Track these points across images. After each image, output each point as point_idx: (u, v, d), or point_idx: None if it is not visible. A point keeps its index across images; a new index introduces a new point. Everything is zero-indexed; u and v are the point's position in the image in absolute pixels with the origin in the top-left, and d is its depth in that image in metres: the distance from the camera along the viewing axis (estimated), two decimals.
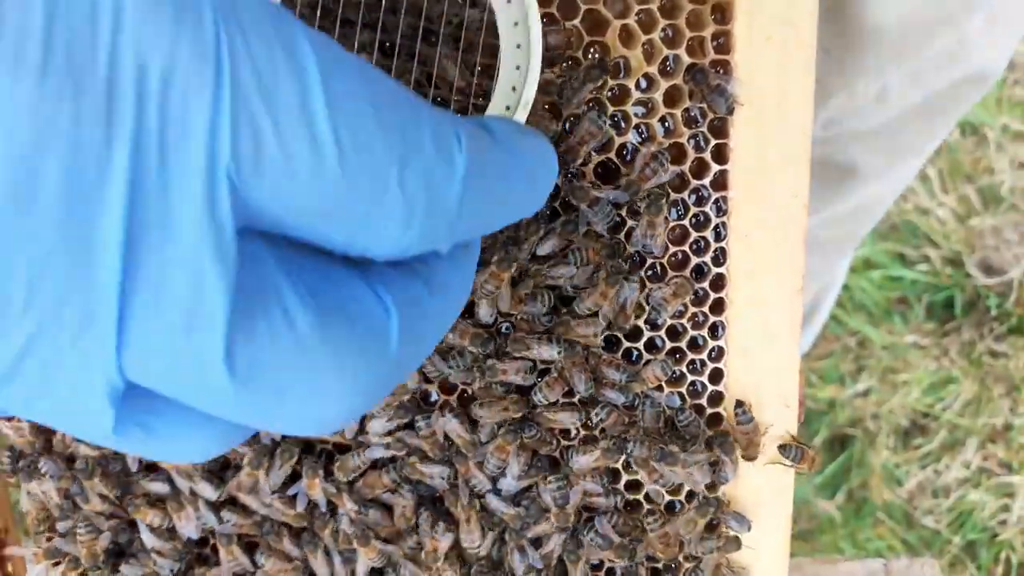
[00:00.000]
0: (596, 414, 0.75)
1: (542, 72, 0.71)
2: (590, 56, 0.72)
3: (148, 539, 0.81)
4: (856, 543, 1.96)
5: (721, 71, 0.73)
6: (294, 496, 0.79)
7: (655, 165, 0.73)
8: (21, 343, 0.33)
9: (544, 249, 0.73)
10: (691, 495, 0.79)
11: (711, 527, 0.79)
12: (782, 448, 0.76)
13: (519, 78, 0.64)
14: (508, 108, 0.64)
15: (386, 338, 0.40)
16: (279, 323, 0.36)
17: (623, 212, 0.74)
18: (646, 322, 0.77)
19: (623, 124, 0.74)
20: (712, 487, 0.78)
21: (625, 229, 0.74)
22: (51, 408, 0.36)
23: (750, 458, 0.77)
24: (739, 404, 0.76)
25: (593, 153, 0.74)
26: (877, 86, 0.99)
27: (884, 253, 2.08)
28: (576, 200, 0.72)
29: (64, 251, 0.33)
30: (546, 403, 0.75)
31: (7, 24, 0.31)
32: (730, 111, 0.72)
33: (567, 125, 0.73)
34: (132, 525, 0.83)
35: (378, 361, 0.39)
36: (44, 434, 0.82)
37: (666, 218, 0.73)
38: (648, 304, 0.75)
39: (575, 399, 0.77)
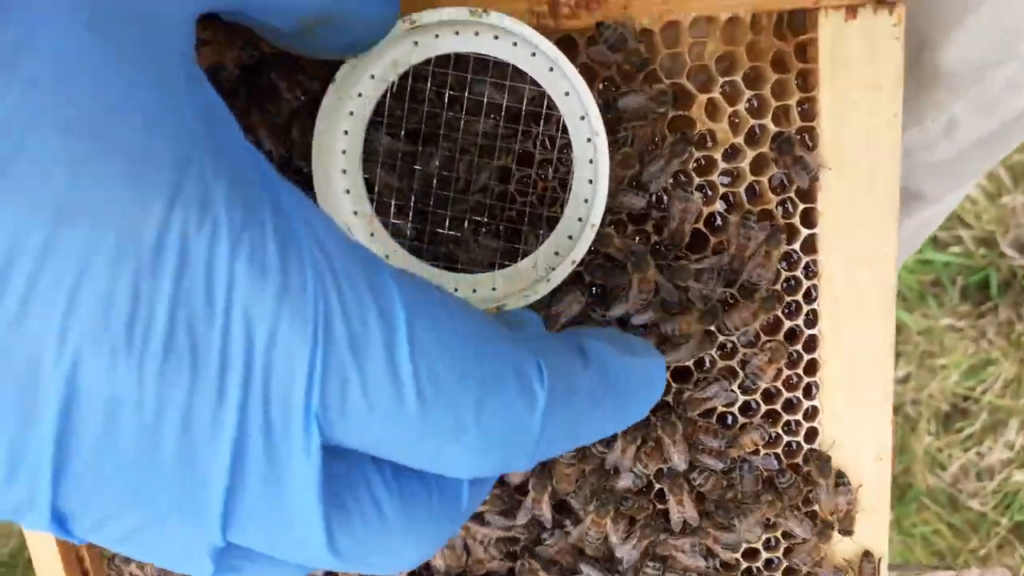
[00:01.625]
0: (695, 479, 0.76)
1: (621, 147, 0.71)
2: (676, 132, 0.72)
3: None
4: (902, 529, 1.98)
5: (807, 138, 0.73)
6: None
7: (745, 231, 0.73)
8: (139, 523, 0.40)
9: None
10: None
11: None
12: None
13: (591, 190, 0.68)
14: (580, 220, 0.67)
15: (458, 503, 0.45)
16: (369, 508, 0.42)
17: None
18: (740, 387, 0.77)
19: (710, 193, 0.74)
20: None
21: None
22: (163, 561, 0.42)
23: (847, 532, 0.78)
24: (840, 475, 0.77)
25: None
26: (945, 118, 0.98)
27: None
28: (679, 280, 0.73)
29: (180, 476, 0.38)
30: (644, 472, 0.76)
31: (139, 315, 0.36)
32: (813, 180, 0.73)
33: (653, 199, 0.73)
34: None
35: (450, 523, 0.45)
36: None
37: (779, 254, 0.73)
38: (743, 371, 0.76)
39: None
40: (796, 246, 0.75)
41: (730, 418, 0.78)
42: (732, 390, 0.75)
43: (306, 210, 0.40)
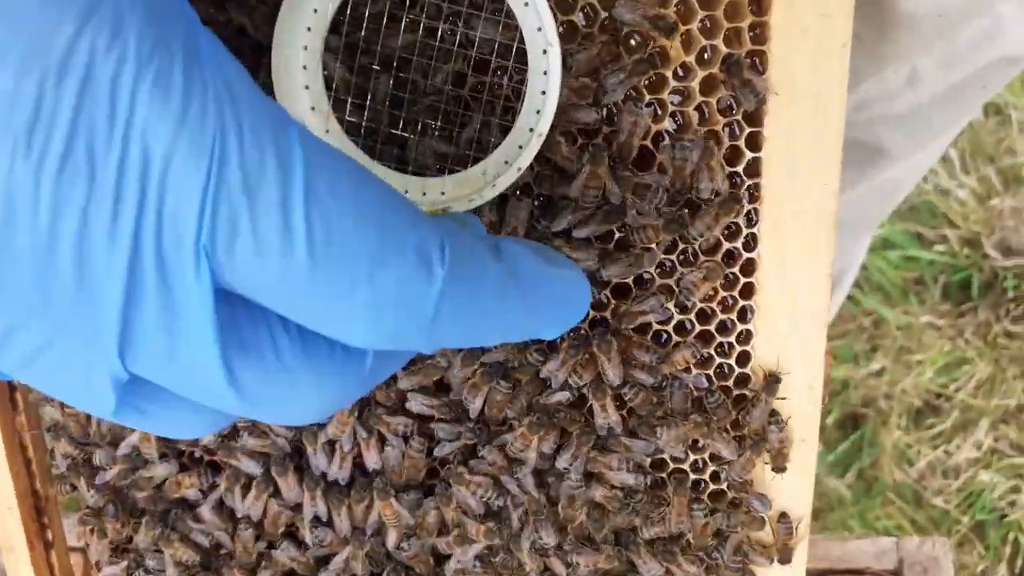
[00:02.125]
0: (625, 393, 0.77)
1: (578, 79, 0.73)
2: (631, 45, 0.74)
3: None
4: (866, 522, 1.99)
5: (757, 61, 0.74)
6: None
7: (679, 152, 0.74)
8: (39, 340, 0.41)
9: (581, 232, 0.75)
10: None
11: (734, 504, 0.81)
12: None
13: (542, 101, 0.69)
14: (531, 129, 0.69)
15: (362, 362, 0.46)
16: (267, 348, 0.43)
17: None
18: (676, 305, 0.78)
19: (659, 112, 0.75)
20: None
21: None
22: (64, 387, 0.43)
23: (779, 469, 0.79)
24: (774, 414, 0.78)
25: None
26: (907, 69, 0.99)
27: (902, 233, 2.09)
28: (622, 189, 0.74)
29: (75, 287, 0.40)
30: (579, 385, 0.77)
31: (41, 119, 0.37)
32: (760, 103, 0.74)
33: (605, 115, 0.75)
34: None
35: (354, 376, 0.46)
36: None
37: (721, 164, 0.74)
38: (678, 288, 0.77)
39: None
40: (739, 168, 0.76)
41: (664, 336, 0.79)
42: (667, 307, 0.77)
43: (220, 56, 0.41)
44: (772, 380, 0.77)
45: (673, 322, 0.79)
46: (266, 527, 0.84)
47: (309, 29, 0.70)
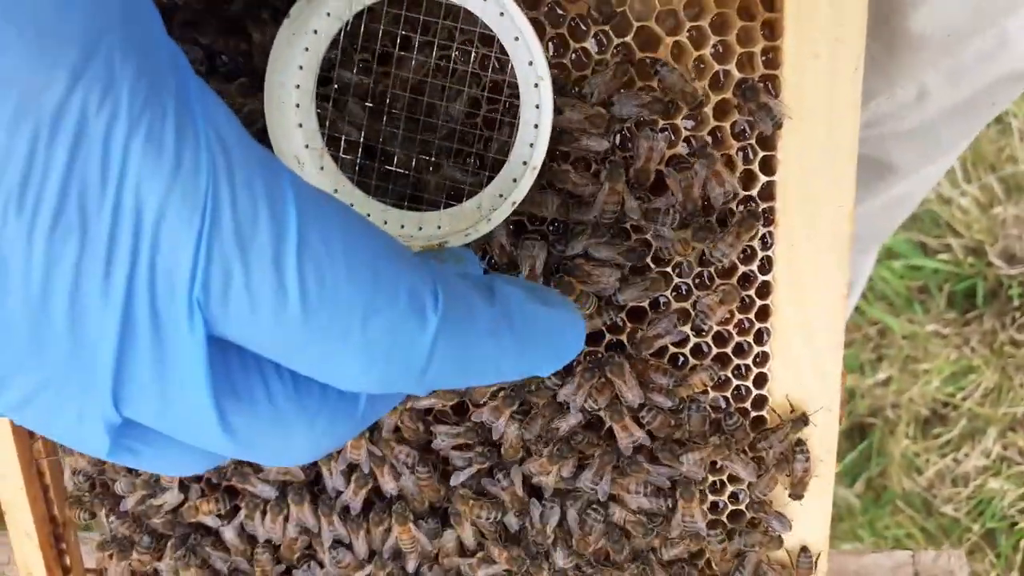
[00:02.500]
0: (643, 417, 0.78)
1: (593, 107, 0.73)
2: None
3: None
4: (875, 531, 1.99)
5: (770, 86, 0.75)
6: None
7: (683, 176, 0.74)
8: (33, 386, 0.41)
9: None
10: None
11: (752, 524, 0.82)
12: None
13: (535, 134, 0.70)
14: (525, 163, 0.70)
15: (355, 404, 0.46)
16: (260, 394, 0.43)
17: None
18: (692, 328, 0.79)
19: (673, 137, 0.76)
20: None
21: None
22: (58, 429, 0.43)
23: (797, 496, 0.79)
24: (800, 443, 0.78)
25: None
26: (915, 86, 1.00)
27: (906, 242, 2.10)
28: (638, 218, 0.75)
29: (69, 340, 0.40)
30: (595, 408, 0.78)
31: (33, 177, 0.38)
32: (777, 127, 0.74)
33: (618, 139, 0.75)
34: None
35: (344, 421, 0.46)
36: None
37: (726, 169, 0.75)
38: (694, 311, 0.78)
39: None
40: (754, 192, 0.77)
41: (682, 359, 0.80)
42: (680, 328, 0.77)
43: (209, 103, 0.42)
44: (800, 420, 0.78)
45: (690, 345, 0.79)
46: (282, 552, 0.85)
47: (301, 67, 0.71)
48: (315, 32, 0.70)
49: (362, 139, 0.74)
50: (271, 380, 0.44)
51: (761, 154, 0.76)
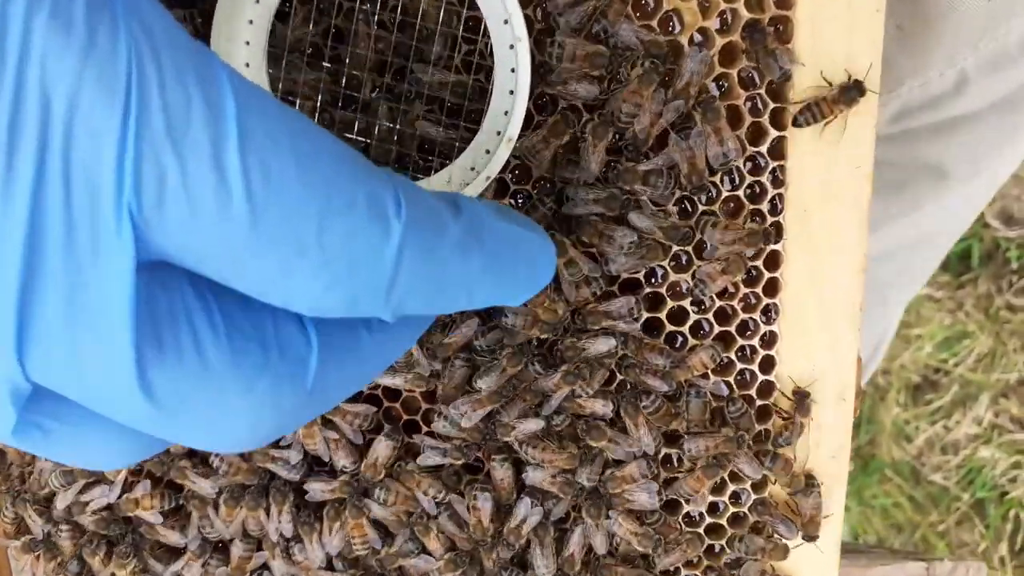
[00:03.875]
0: (644, 406, 0.69)
1: (589, 43, 0.63)
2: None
3: None
4: (862, 500, 1.93)
5: (780, 28, 0.65)
6: None
7: (691, 143, 0.65)
8: None
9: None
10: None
11: (757, 529, 0.73)
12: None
13: (511, 102, 0.62)
14: (499, 133, 0.62)
15: (303, 368, 0.40)
16: (188, 347, 0.37)
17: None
18: (692, 303, 0.70)
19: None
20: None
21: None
22: None
23: (810, 538, 0.71)
24: (810, 479, 0.71)
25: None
26: (954, 73, 0.90)
27: None
28: (626, 184, 0.65)
29: None
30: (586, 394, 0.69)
31: None
32: (785, 78, 0.65)
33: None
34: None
35: (290, 390, 0.39)
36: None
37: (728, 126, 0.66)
38: (693, 280, 0.68)
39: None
40: (763, 149, 0.67)
41: (680, 340, 0.71)
42: (635, 312, 0.68)
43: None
44: (801, 396, 0.69)
45: (689, 322, 0.70)
46: (232, 572, 0.75)
47: (251, 22, 0.62)
48: None
49: (318, 105, 0.65)
50: (201, 328, 0.37)
51: (772, 105, 0.67)
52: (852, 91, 0.65)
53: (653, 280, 0.70)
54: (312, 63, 0.65)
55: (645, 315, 0.69)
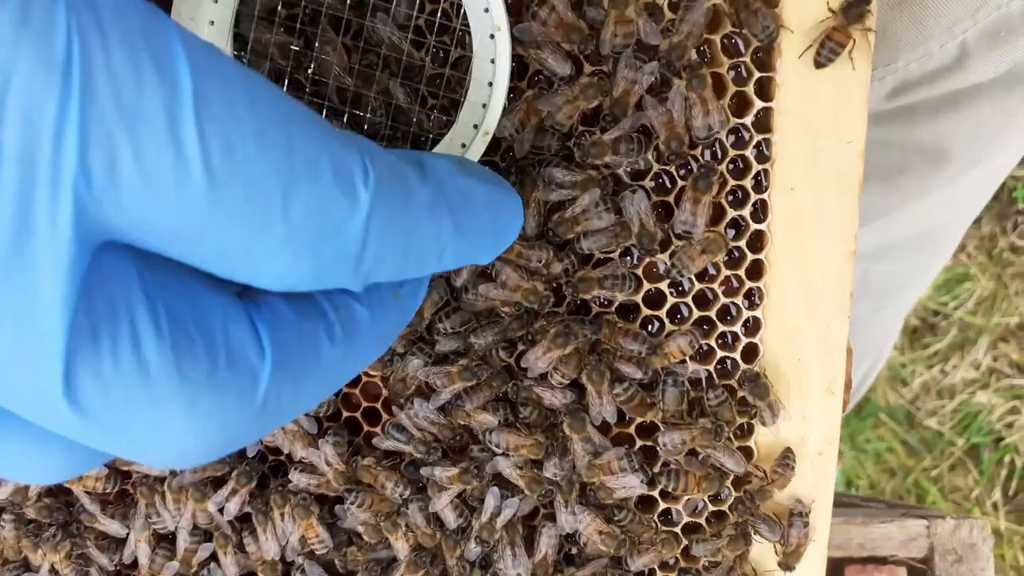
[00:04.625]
0: (616, 394, 0.65)
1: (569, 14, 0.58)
2: None
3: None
4: (855, 444, 1.91)
5: None
6: None
7: (666, 106, 0.60)
8: None
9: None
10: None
11: (741, 529, 0.70)
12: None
13: (488, 94, 0.58)
14: (476, 126, 0.58)
15: (253, 381, 0.37)
16: (126, 348, 0.34)
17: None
18: (670, 285, 0.65)
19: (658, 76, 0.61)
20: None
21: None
22: None
23: (787, 568, 0.68)
24: (799, 512, 0.67)
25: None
26: (955, 46, 0.84)
27: None
28: (595, 158, 0.60)
29: None
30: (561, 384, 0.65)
31: None
32: (769, 39, 0.59)
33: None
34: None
35: (237, 404, 0.36)
36: None
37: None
38: (671, 261, 0.64)
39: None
40: (748, 120, 0.62)
41: (657, 325, 0.66)
42: (625, 273, 0.63)
43: None
44: (752, 378, 0.65)
45: (667, 306, 0.66)
46: (180, 566, 0.72)
47: (216, 0, 0.59)
48: None
49: (285, 86, 0.61)
50: (143, 328, 0.34)
51: (757, 75, 0.61)
52: (858, 5, 0.59)
53: (628, 261, 0.65)
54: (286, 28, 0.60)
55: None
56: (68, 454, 0.37)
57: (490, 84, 0.58)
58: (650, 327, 0.66)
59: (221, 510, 0.69)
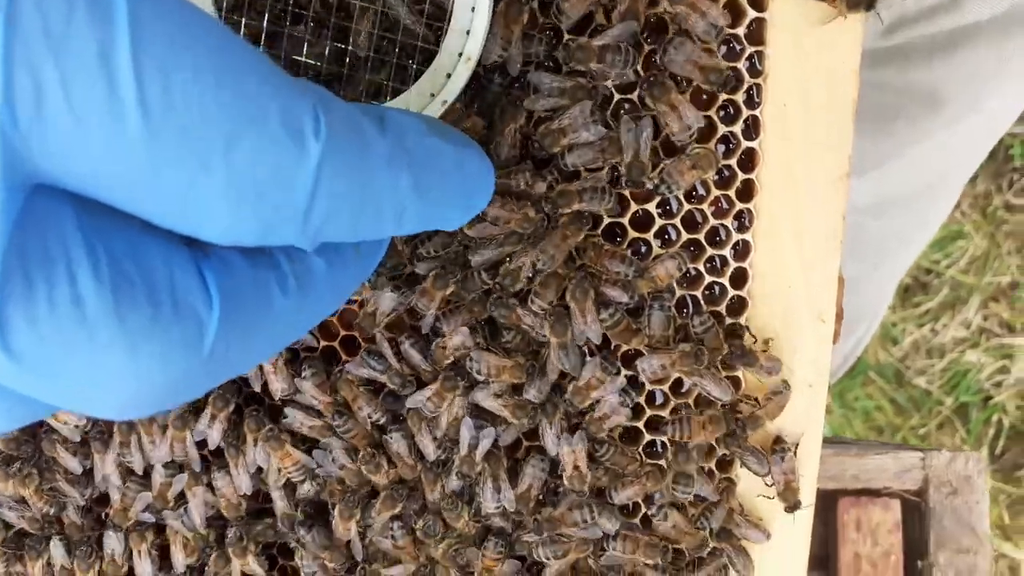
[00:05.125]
0: (602, 319, 0.62)
1: None
2: None
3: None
4: (844, 402, 1.90)
5: None
6: None
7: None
8: None
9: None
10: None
11: (725, 464, 0.68)
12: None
13: (470, 19, 0.56)
14: (460, 55, 0.57)
15: (199, 329, 0.35)
16: (62, 292, 0.32)
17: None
18: (658, 206, 0.63)
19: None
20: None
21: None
22: None
23: (791, 507, 0.66)
24: (778, 441, 0.65)
25: None
26: None
27: None
28: (580, 64, 0.58)
29: None
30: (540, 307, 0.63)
31: None
32: None
33: None
34: None
35: (182, 352, 0.35)
36: None
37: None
38: (659, 177, 0.61)
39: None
40: (740, 31, 0.59)
41: (644, 248, 0.64)
42: (604, 187, 0.60)
43: None
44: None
45: (655, 227, 0.63)
46: (155, 500, 0.69)
47: None
48: None
49: (264, 26, 0.58)
50: (80, 270, 0.32)
51: None
52: None
53: (616, 179, 0.62)
54: None
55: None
56: (5, 403, 0.35)
57: (473, 9, 0.56)
58: (640, 250, 0.64)
59: (203, 441, 0.67)
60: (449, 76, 0.57)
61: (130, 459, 0.67)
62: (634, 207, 0.63)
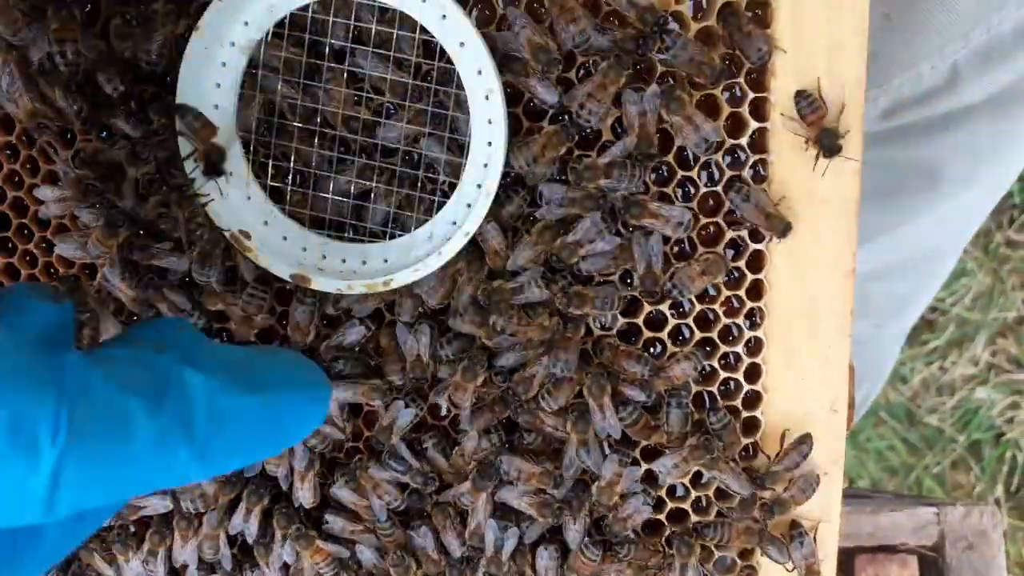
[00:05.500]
0: (621, 417, 0.65)
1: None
2: None
3: None
4: (856, 444, 1.90)
5: (760, 13, 0.60)
6: None
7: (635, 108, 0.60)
8: None
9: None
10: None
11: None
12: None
13: (488, 153, 0.59)
14: (480, 186, 0.60)
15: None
16: None
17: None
18: (671, 307, 0.65)
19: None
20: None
21: None
22: None
23: None
24: (794, 525, 0.67)
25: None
26: (946, 67, 0.84)
27: None
28: (589, 181, 0.60)
29: None
30: (552, 409, 0.65)
31: None
32: (761, 61, 0.59)
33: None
34: None
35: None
36: None
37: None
38: (671, 283, 0.63)
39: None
40: (743, 141, 0.62)
41: (660, 348, 0.66)
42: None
43: None
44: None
45: (668, 327, 0.65)
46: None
47: (219, 86, 0.61)
48: (232, 45, 0.60)
49: (292, 164, 0.63)
50: None
51: (751, 95, 0.61)
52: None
53: (629, 282, 0.65)
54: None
55: (621, 320, 0.65)
56: None
57: (489, 144, 0.59)
58: (652, 350, 0.66)
59: (238, 535, 0.69)
60: (469, 206, 0.60)
61: (153, 569, 0.70)
62: (647, 308, 0.65)
